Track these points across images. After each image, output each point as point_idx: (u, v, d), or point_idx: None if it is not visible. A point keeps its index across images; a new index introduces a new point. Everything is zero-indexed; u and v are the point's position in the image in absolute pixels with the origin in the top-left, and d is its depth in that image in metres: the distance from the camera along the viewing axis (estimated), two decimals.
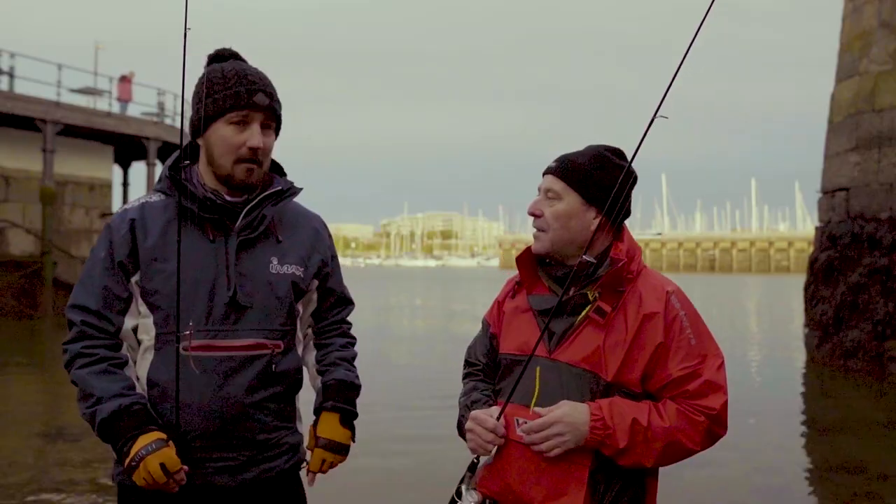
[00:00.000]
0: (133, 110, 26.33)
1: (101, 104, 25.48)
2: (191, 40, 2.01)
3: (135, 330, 2.08)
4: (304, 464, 2.25)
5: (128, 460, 1.93)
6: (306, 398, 2.27)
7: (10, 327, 19.20)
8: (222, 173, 2.10)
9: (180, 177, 2.12)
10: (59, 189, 23.50)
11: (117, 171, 28.87)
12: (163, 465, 1.92)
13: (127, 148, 26.76)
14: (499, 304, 2.22)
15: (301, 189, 2.24)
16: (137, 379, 2.07)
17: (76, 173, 25.00)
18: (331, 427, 2.22)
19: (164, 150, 27.13)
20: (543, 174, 2.13)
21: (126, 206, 2.16)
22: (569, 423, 1.92)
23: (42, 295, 21.35)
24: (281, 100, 2.15)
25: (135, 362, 2.09)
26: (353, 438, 2.27)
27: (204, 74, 2.12)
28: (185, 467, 1.97)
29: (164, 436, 1.96)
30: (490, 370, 2.23)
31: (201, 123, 2.08)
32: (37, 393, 10.84)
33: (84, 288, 2.08)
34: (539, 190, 2.13)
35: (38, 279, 21.43)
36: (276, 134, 2.18)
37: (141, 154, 26.63)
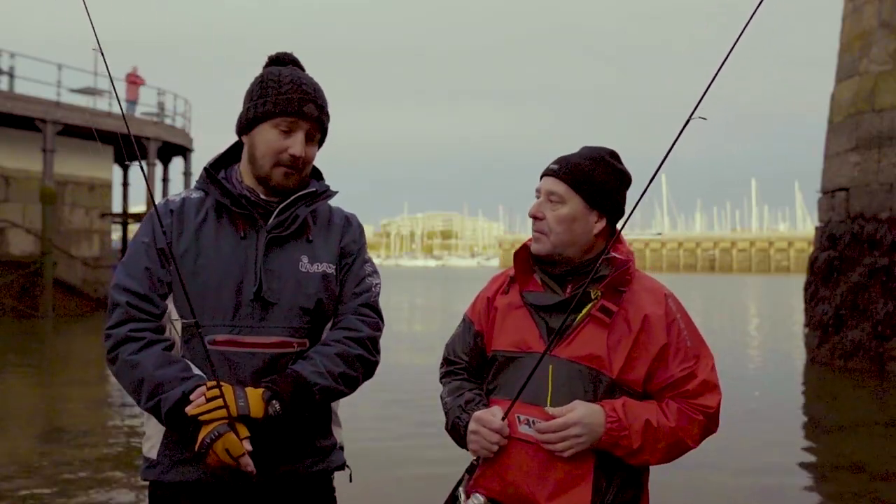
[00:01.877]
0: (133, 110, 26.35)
1: (101, 104, 25.52)
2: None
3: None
4: (346, 468, 2.20)
5: (197, 447, 1.92)
6: (345, 401, 2.19)
7: (10, 327, 19.20)
8: (260, 174, 2.12)
9: (218, 174, 2.14)
10: (59, 189, 23.51)
11: (117, 171, 28.91)
12: (227, 451, 1.91)
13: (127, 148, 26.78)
14: (489, 300, 2.17)
15: (336, 192, 2.24)
16: None
17: (76, 173, 25.00)
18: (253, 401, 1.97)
19: (165, 150, 27.13)
20: (543, 176, 2.11)
21: (170, 198, 2.18)
22: (587, 424, 1.92)
23: (42, 295, 21.36)
24: None
25: None
26: (269, 411, 1.97)
27: (261, 75, 2.15)
28: (249, 448, 1.93)
29: (225, 420, 1.92)
30: (473, 368, 2.19)
31: (249, 121, 2.11)
32: (37, 394, 10.84)
33: (128, 270, 2.07)
34: (538, 192, 2.11)
35: (38, 279, 21.45)
36: (321, 145, 2.19)
37: (141, 154, 26.66)
